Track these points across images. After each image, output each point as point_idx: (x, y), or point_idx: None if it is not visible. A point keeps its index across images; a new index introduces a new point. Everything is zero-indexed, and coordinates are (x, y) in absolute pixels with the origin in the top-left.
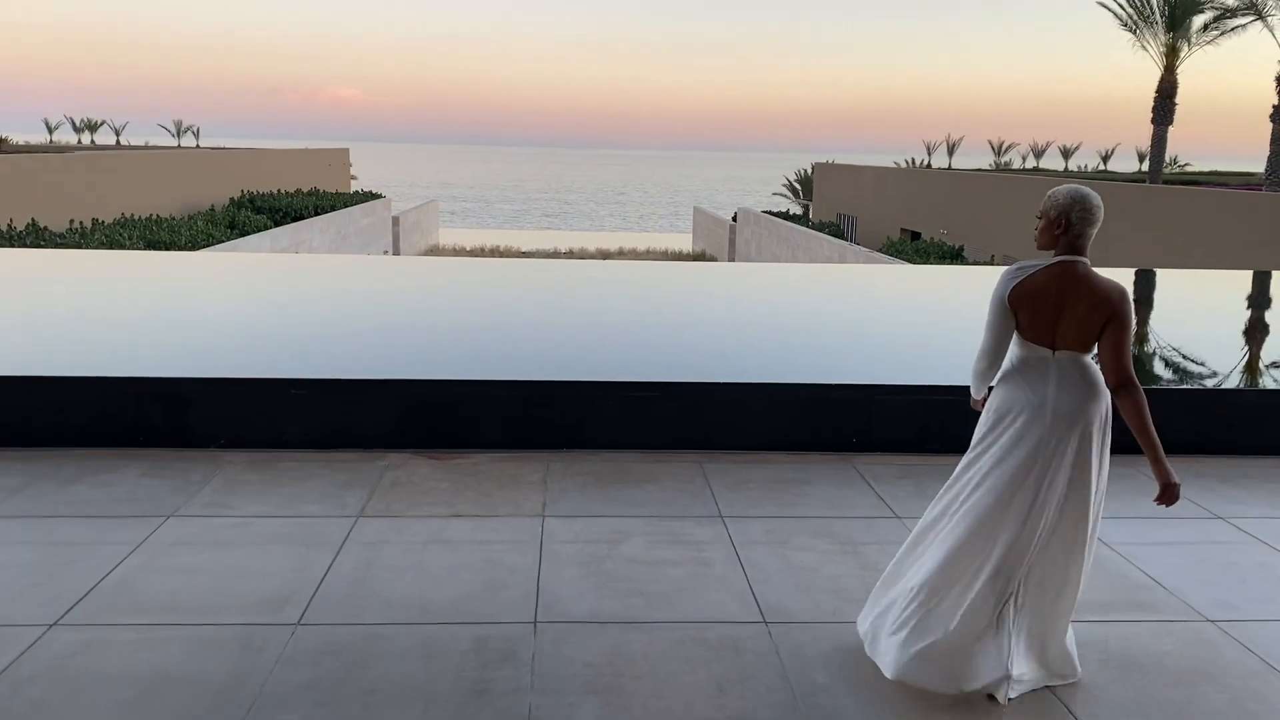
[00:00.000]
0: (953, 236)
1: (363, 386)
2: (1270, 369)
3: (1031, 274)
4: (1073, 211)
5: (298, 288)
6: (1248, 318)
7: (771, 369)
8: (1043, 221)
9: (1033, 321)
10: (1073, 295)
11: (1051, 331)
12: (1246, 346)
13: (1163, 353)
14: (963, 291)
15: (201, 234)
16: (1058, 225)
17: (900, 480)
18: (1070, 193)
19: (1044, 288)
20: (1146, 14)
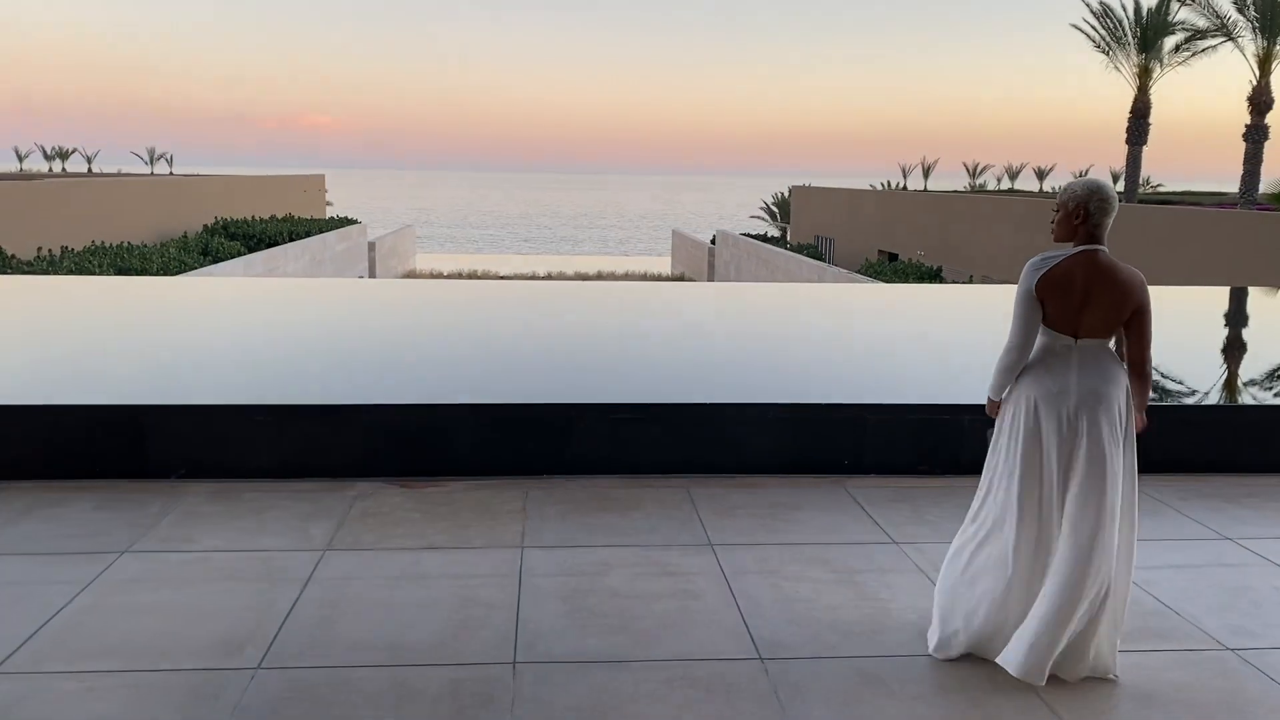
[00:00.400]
0: (930, 257)
1: (330, 412)
2: (1268, 385)
3: (1056, 264)
4: (1091, 201)
5: (264, 311)
6: (1232, 334)
7: (758, 389)
8: (1060, 213)
9: (1059, 310)
10: (1098, 284)
11: (1076, 320)
12: (1232, 363)
13: (1156, 369)
14: (950, 310)
15: (174, 261)
16: (1076, 215)
17: (895, 504)
18: (1087, 184)
19: (1069, 277)
20: (1119, 35)
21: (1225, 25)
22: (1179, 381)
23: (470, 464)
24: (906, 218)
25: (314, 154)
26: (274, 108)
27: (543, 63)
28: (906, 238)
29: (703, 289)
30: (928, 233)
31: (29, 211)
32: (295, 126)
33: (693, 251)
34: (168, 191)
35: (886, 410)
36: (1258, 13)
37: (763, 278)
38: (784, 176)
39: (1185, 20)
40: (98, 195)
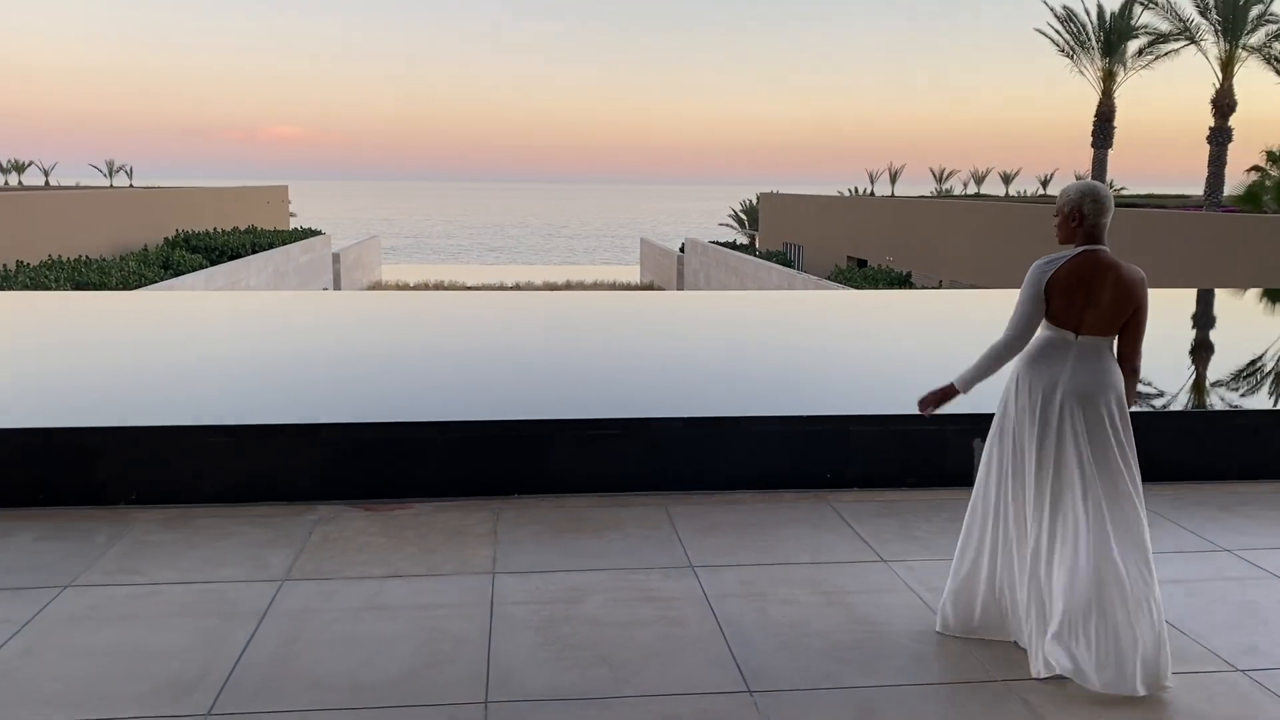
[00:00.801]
0: (899, 262)
1: (290, 432)
2: (1243, 389)
3: (1060, 265)
4: (1084, 203)
5: (221, 327)
6: (1202, 336)
7: (737, 402)
8: (1059, 218)
9: (1062, 307)
10: (1100, 282)
11: (1079, 317)
12: (1203, 366)
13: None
14: (926, 316)
15: (133, 275)
16: (1073, 218)
17: (881, 519)
18: (1080, 187)
19: (1073, 275)
20: (1083, 40)
21: (1188, 28)
22: (1155, 386)
23: (438, 484)
24: (874, 224)
25: (279, 165)
26: (238, 119)
27: (510, 73)
28: (875, 243)
29: (674, 298)
30: (896, 238)
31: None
32: (260, 138)
33: (661, 260)
34: (127, 204)
35: (869, 421)
36: (1219, 15)
37: (732, 285)
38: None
39: (1148, 24)
40: (54, 209)
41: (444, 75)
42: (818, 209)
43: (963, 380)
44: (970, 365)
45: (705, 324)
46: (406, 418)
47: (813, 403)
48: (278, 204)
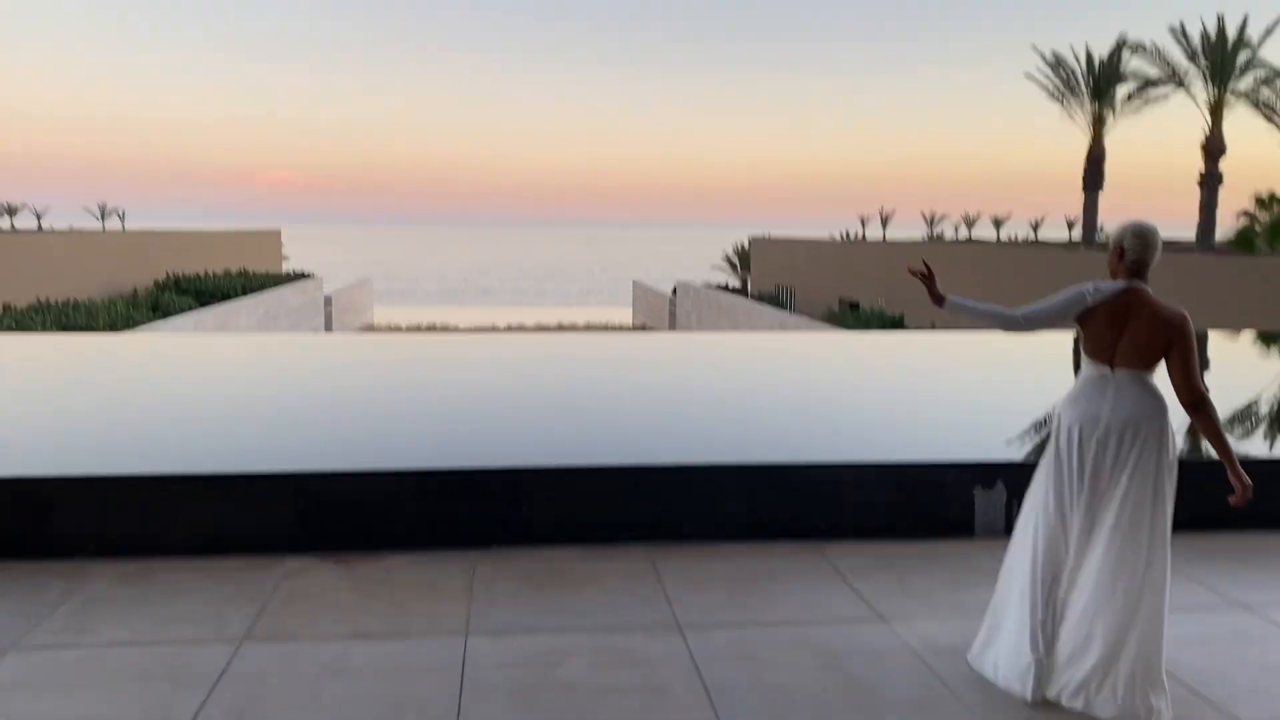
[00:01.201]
0: (891, 305)
1: (257, 482)
2: (1245, 433)
3: (1103, 295)
4: (1125, 238)
5: (195, 370)
6: (1214, 381)
7: (727, 447)
8: (1109, 253)
9: (1095, 336)
10: (1135, 317)
11: (1111, 350)
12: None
13: None
14: (921, 359)
15: (121, 317)
16: (1117, 254)
17: (878, 573)
18: (1125, 224)
19: (1110, 309)
20: (1072, 85)
21: (1176, 74)
22: None
23: (412, 536)
24: (866, 267)
25: (275, 210)
26: (234, 164)
27: (505, 117)
28: (867, 286)
29: (663, 339)
30: (887, 281)
31: None
32: (256, 183)
33: (654, 302)
34: (118, 247)
35: (864, 469)
36: (1208, 61)
37: (724, 327)
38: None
39: (1137, 70)
40: (43, 251)
41: (438, 120)
42: (809, 252)
43: (955, 300)
44: (971, 299)
45: (695, 366)
46: (382, 466)
47: (806, 449)
48: (270, 248)
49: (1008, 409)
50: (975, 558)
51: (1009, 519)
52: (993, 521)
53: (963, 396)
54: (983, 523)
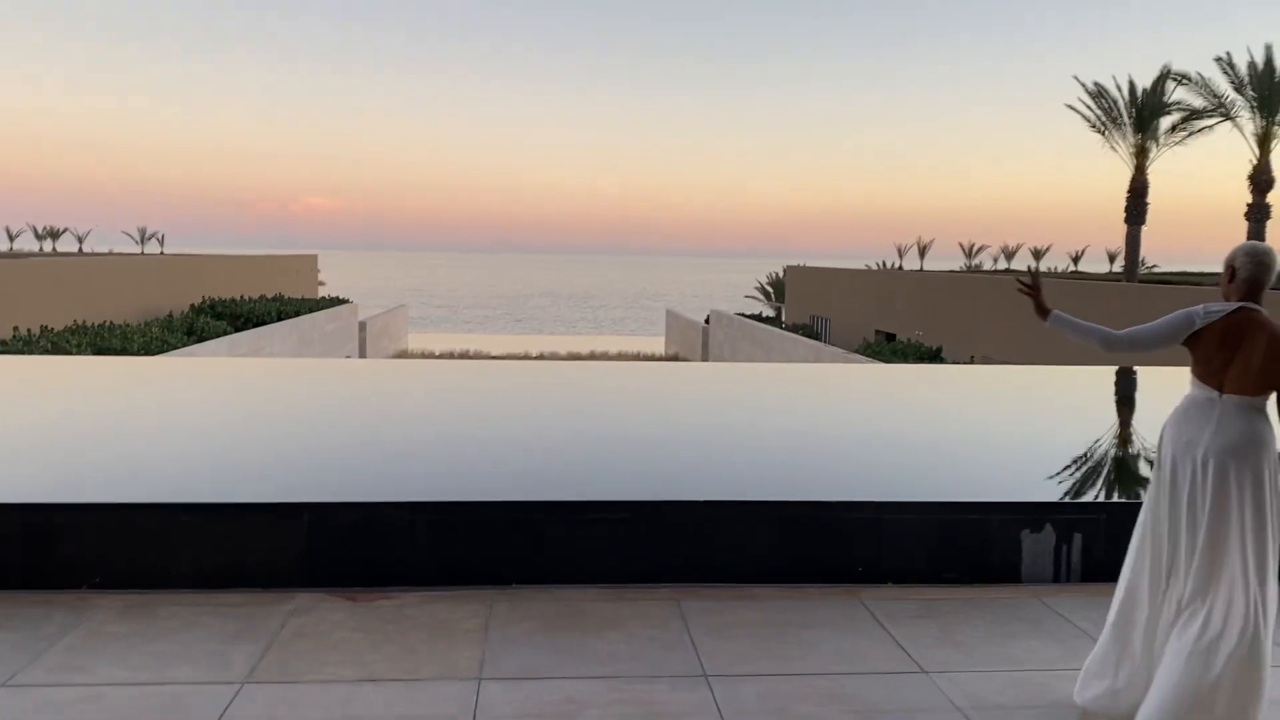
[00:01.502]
0: (928, 337)
1: (269, 512)
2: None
3: (1213, 317)
4: (1237, 259)
5: (211, 395)
6: None
7: (758, 484)
8: (1223, 274)
9: (1203, 360)
10: (1248, 340)
11: (1221, 373)
12: None
13: None
14: (963, 393)
15: (156, 340)
16: (1228, 275)
17: (919, 620)
18: (1242, 245)
19: (1221, 332)
20: (1115, 116)
21: (1223, 104)
22: None
23: (428, 572)
24: (903, 297)
25: (311, 235)
26: (271, 189)
27: (543, 146)
28: (903, 318)
29: (693, 369)
30: (925, 312)
31: (10, 290)
32: (293, 208)
33: (687, 331)
34: (155, 271)
35: (905, 509)
36: (1255, 91)
37: (758, 358)
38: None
39: (1181, 100)
40: (82, 274)
41: (475, 148)
42: (845, 282)
43: (1059, 315)
44: (1076, 318)
45: (726, 398)
46: (398, 497)
47: (843, 487)
48: (307, 272)
49: (1055, 447)
50: (1022, 606)
51: (1058, 565)
52: (1040, 568)
53: (1008, 433)
54: (1030, 568)
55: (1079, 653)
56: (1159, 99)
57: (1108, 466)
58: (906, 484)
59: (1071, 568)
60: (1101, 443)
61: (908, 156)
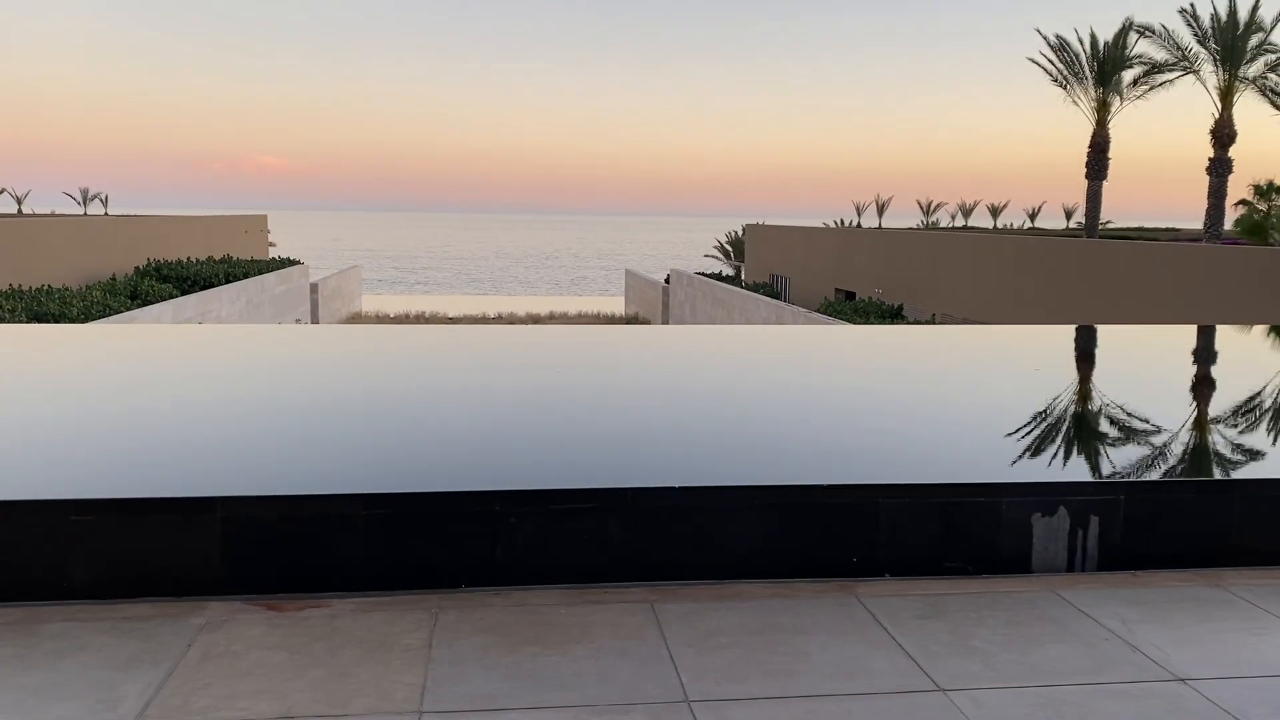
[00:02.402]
0: (888, 295)
1: (176, 508)
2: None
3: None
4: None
5: (111, 369)
6: (1235, 380)
7: (739, 466)
8: None
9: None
10: None
11: None
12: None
13: (1170, 438)
14: (951, 357)
15: (98, 305)
16: None
17: (926, 622)
18: None
19: None
20: (1076, 69)
21: (1186, 57)
22: (1233, 446)
23: (364, 574)
24: (862, 255)
25: (263, 196)
26: (222, 149)
27: (495, 104)
28: (863, 276)
29: (660, 334)
30: (884, 270)
31: None
32: (244, 168)
33: (646, 291)
34: (98, 232)
35: (903, 492)
36: (1218, 44)
37: (719, 317)
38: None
39: (1144, 54)
40: (19, 235)
41: (429, 107)
42: (804, 241)
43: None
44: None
45: (696, 366)
46: (330, 488)
47: (833, 468)
48: (256, 233)
49: (1060, 417)
50: (1038, 601)
51: (1073, 553)
52: (1053, 555)
53: (1007, 403)
54: (1042, 557)
55: (1113, 661)
56: (1121, 52)
57: (1122, 440)
58: (901, 462)
59: (1087, 555)
60: (1111, 412)
61: (865, 113)
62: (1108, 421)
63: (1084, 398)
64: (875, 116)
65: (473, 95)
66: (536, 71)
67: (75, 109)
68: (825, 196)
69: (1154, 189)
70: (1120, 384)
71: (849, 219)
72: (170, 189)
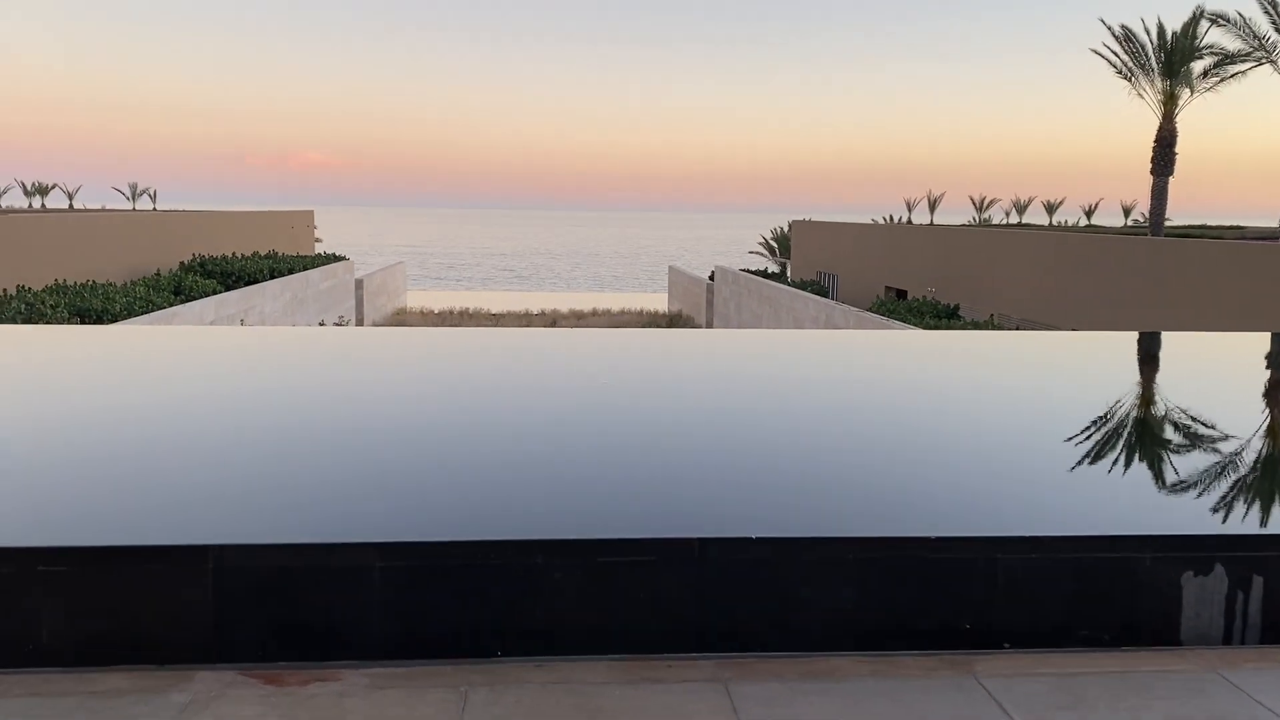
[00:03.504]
0: (942, 294)
1: (161, 558)
2: None
3: None
4: None
5: (98, 386)
6: None
7: (823, 514)
8: None
9: None
10: None
11: None
12: None
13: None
14: (1063, 372)
15: (140, 300)
16: None
17: (1064, 715)
18: None
19: None
20: (1142, 60)
21: (1264, 46)
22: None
23: (378, 640)
24: (914, 253)
25: (308, 191)
26: (268, 145)
27: (542, 100)
28: (915, 273)
29: (713, 341)
30: (937, 268)
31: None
32: (290, 164)
33: (690, 288)
34: (145, 228)
35: (1025, 546)
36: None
37: (765, 316)
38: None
39: (1215, 43)
40: (68, 231)
41: (475, 103)
42: (853, 237)
43: None
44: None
45: (762, 381)
46: (341, 535)
47: (935, 515)
48: (302, 229)
49: (1208, 450)
50: (1202, 686)
51: (1231, 621)
52: (1208, 624)
53: (1135, 429)
54: (1193, 626)
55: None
56: (1190, 42)
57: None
58: (1018, 508)
59: (1248, 624)
60: (1269, 445)
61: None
62: (1269, 454)
63: (1230, 425)
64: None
65: (517, 90)
66: (580, 64)
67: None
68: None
69: (1218, 186)
70: (1266, 405)
71: (899, 215)
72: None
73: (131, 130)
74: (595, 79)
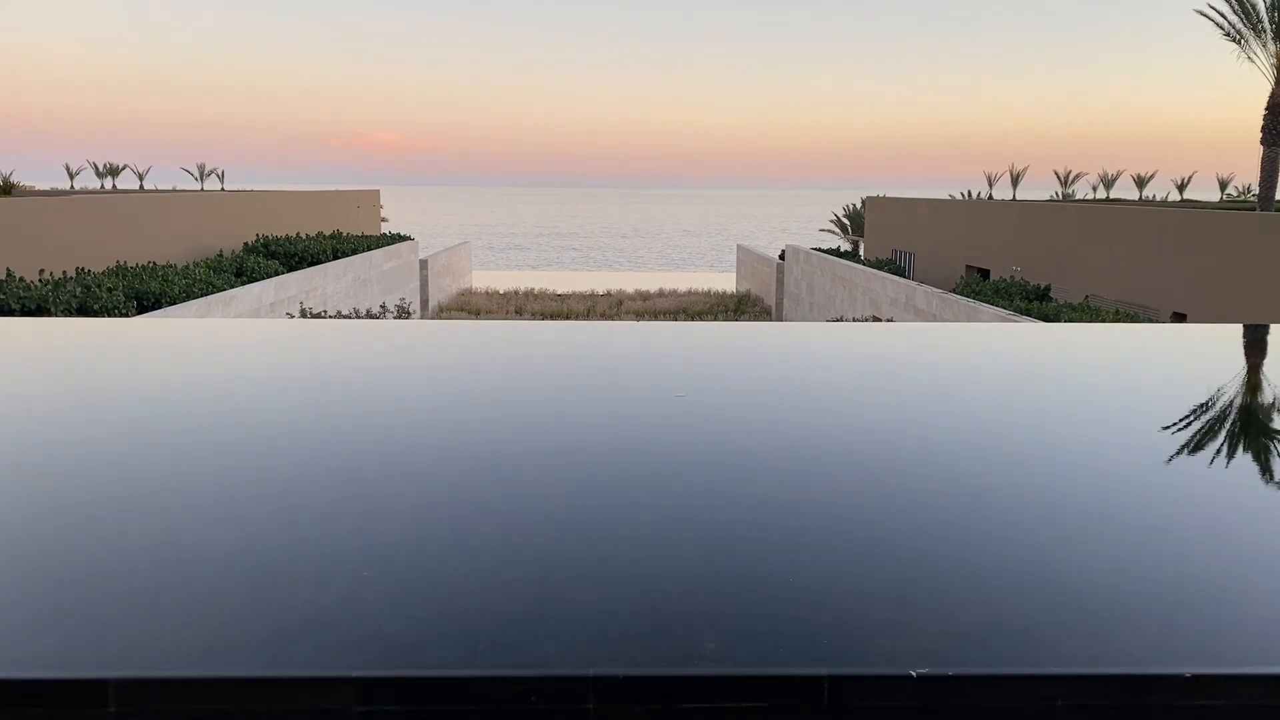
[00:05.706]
0: (1029, 274)
1: (45, 694)
2: None
3: None
4: None
5: (33, 422)
6: None
7: (1001, 629)
8: None
9: None
10: None
11: None
12: None
13: None
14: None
15: (200, 282)
16: None
17: None
18: None
19: None
20: (1254, 21)
21: None
22: None
23: None
24: (997, 230)
25: (379, 171)
26: (338, 125)
27: (607, 77)
28: (998, 252)
29: (813, 339)
30: (1023, 246)
31: (49, 229)
32: (360, 144)
33: (759, 268)
34: (210, 208)
35: (1256, 683)
36: None
37: (839, 297)
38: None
39: None
40: (134, 212)
41: (540, 82)
42: (931, 213)
43: None
44: None
45: (882, 407)
46: (300, 665)
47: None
48: (369, 209)
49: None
50: None
51: None
52: None
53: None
54: None
55: None
56: None
57: None
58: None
59: None
60: None
61: (996, 77)
62: None
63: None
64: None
65: (582, 70)
66: (645, 44)
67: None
68: (951, 168)
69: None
70: None
71: (978, 191)
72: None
73: (200, 111)
74: (666, 59)
